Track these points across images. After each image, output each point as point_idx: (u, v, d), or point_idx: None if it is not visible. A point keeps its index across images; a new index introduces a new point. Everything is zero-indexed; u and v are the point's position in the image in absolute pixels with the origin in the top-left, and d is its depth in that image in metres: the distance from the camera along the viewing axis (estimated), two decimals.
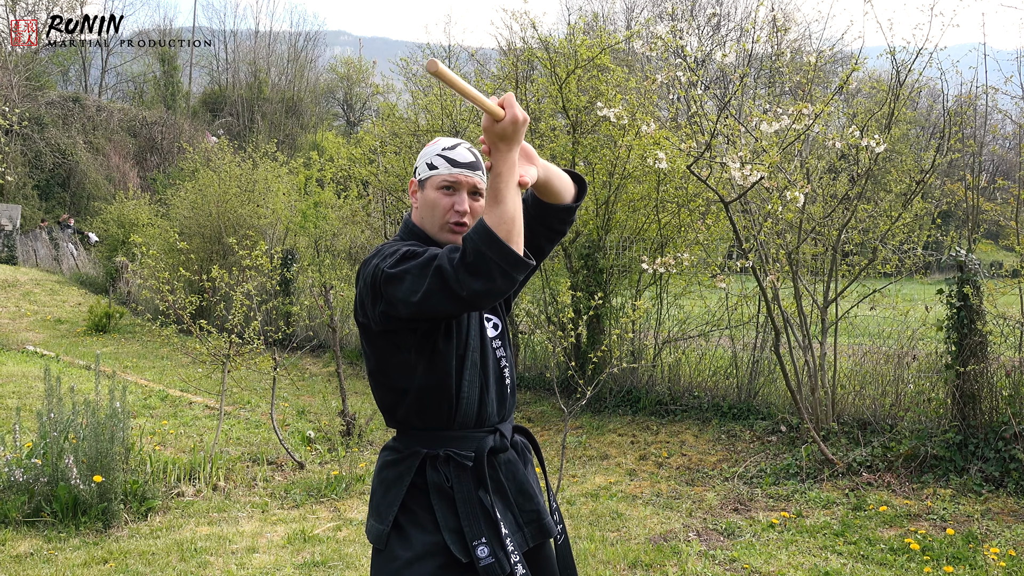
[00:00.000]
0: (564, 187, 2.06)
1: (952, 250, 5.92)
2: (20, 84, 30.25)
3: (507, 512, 2.02)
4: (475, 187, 2.04)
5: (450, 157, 2.03)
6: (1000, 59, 6.42)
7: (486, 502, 1.97)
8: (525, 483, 2.08)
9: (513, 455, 2.10)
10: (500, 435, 2.07)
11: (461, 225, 2.02)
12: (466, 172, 2.02)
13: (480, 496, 1.97)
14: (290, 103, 40.09)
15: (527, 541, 2.04)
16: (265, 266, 6.51)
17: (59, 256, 23.65)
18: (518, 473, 2.08)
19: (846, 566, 4.19)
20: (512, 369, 2.15)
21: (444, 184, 2.02)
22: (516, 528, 2.02)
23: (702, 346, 8.07)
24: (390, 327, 1.93)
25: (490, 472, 2.02)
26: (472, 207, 2.03)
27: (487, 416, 2.06)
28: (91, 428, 4.72)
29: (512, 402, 2.15)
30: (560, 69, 7.93)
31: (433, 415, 2.00)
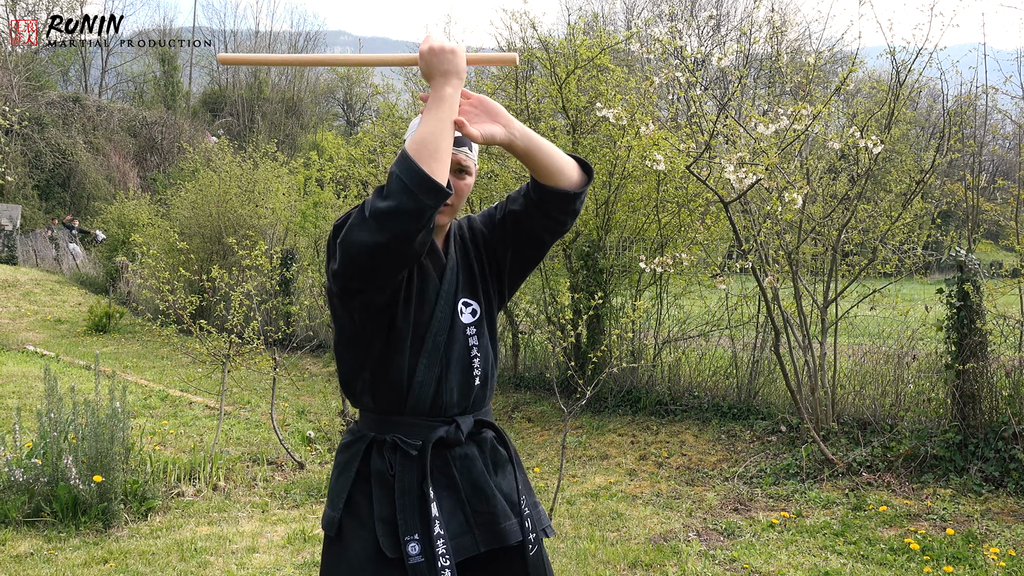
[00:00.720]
0: (557, 167, 1.90)
1: (952, 250, 5.92)
2: (20, 84, 30.26)
3: (457, 511, 1.91)
4: (459, 164, 1.92)
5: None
6: (1000, 59, 6.43)
7: (427, 496, 1.85)
8: (481, 482, 1.94)
9: (472, 451, 1.96)
10: (456, 427, 1.93)
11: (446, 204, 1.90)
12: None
13: (423, 489, 1.86)
14: (290, 103, 40.10)
15: (477, 545, 1.91)
16: (265, 266, 6.51)
17: (59, 256, 23.65)
18: (474, 470, 1.94)
19: (846, 566, 4.20)
20: (486, 361, 2.00)
21: None
22: (465, 529, 1.90)
23: (702, 346, 8.07)
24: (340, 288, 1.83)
25: (440, 465, 1.91)
26: (457, 186, 1.92)
27: (443, 405, 1.93)
28: (91, 428, 4.72)
29: (481, 395, 2.00)
30: (560, 69, 7.93)
31: (384, 397, 1.92)
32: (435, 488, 1.90)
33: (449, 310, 1.95)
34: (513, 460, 2.05)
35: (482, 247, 2.06)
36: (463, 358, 1.95)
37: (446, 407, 1.94)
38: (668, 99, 9.62)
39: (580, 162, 1.97)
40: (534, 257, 2.08)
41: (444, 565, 1.82)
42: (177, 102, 38.56)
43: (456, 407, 1.95)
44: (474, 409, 2.00)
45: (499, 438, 2.05)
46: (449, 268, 1.99)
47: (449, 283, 1.97)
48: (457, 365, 1.95)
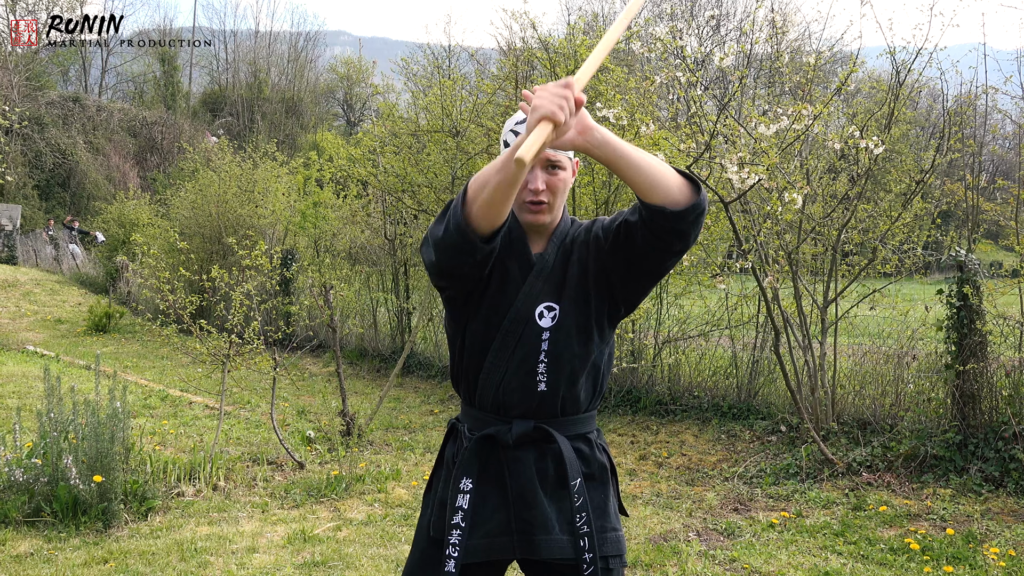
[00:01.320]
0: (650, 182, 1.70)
1: (952, 250, 5.92)
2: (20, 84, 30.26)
3: (501, 510, 1.92)
4: (548, 161, 1.87)
5: (520, 132, 1.86)
6: (1000, 59, 6.42)
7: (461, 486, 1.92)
8: (528, 489, 1.92)
9: (527, 455, 1.93)
10: (508, 428, 1.93)
11: (538, 204, 1.89)
12: None
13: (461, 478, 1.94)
14: (290, 103, 40.11)
15: (513, 549, 1.92)
16: (265, 266, 6.51)
17: (59, 256, 23.65)
18: (523, 475, 1.92)
19: (846, 566, 4.20)
20: (557, 368, 1.92)
21: None
22: (505, 531, 1.92)
23: (702, 346, 8.07)
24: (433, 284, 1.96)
25: (494, 463, 1.94)
26: (549, 182, 1.89)
27: (503, 405, 1.94)
28: (91, 428, 4.72)
29: (551, 403, 1.94)
30: (560, 69, 7.93)
31: (465, 388, 2.01)
32: (482, 485, 1.94)
33: (526, 312, 1.92)
34: (594, 477, 1.97)
35: (593, 251, 1.94)
36: (528, 361, 1.92)
37: (506, 407, 1.95)
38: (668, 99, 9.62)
39: (687, 177, 1.76)
40: (648, 271, 1.90)
41: (451, 555, 1.88)
42: (177, 102, 38.59)
43: (516, 409, 1.94)
44: (541, 415, 1.94)
45: (579, 452, 1.97)
46: (537, 270, 1.95)
47: (533, 286, 1.93)
48: (520, 368, 1.93)
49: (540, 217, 1.92)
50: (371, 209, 11.93)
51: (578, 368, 1.95)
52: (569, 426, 1.97)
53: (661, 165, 1.74)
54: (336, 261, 12.51)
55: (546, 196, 1.89)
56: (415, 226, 10.79)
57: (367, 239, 11.95)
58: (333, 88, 44.83)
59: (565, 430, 1.96)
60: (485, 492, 1.93)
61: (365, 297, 12.06)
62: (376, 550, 4.43)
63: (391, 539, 4.59)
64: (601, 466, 2.00)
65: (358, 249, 12.28)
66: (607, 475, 2.01)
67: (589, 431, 2.01)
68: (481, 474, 1.94)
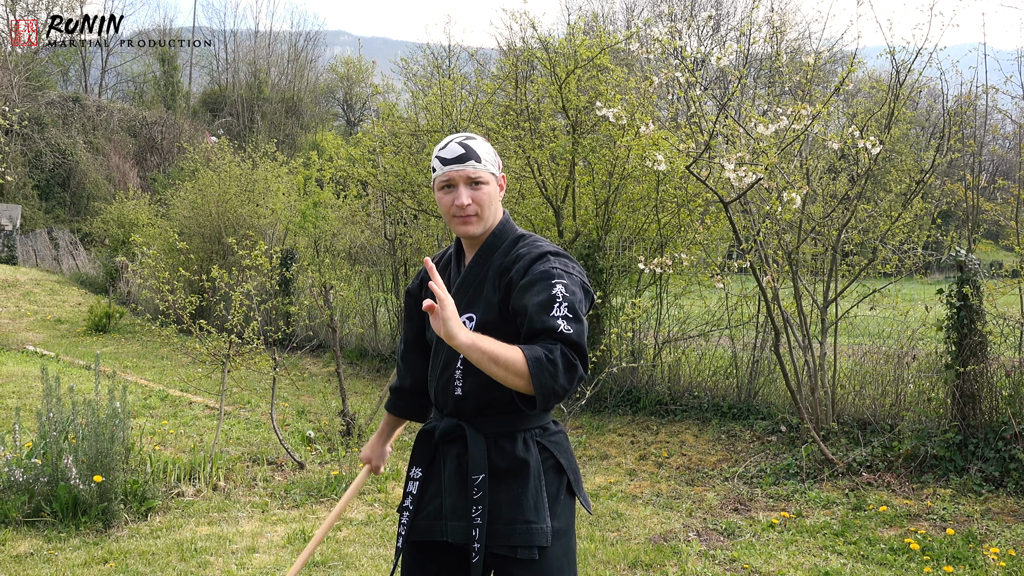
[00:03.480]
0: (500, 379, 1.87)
1: (952, 250, 5.92)
2: (20, 84, 30.26)
3: (438, 497, 2.15)
4: (469, 178, 2.09)
5: (441, 156, 2.10)
6: (1000, 59, 6.41)
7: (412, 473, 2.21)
8: (450, 479, 2.11)
9: (454, 449, 2.12)
10: (439, 425, 2.16)
11: (466, 217, 2.10)
12: (456, 167, 2.08)
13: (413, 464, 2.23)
14: (290, 103, 40.11)
15: (444, 532, 2.11)
16: (264, 266, 6.51)
17: (59, 256, 23.65)
18: (448, 466, 2.13)
19: (846, 566, 4.20)
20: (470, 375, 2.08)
21: (442, 184, 2.11)
22: (438, 515, 2.13)
23: (702, 346, 8.06)
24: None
25: (433, 453, 2.19)
26: (474, 196, 2.09)
27: (438, 405, 2.20)
28: (91, 428, 4.72)
29: (468, 404, 2.10)
30: (560, 69, 7.93)
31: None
32: (429, 472, 2.20)
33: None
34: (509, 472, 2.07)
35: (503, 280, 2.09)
36: (448, 368, 2.14)
37: (440, 407, 2.20)
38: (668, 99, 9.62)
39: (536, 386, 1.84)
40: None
41: (399, 532, 2.20)
42: (177, 102, 38.59)
43: (444, 409, 2.18)
44: (463, 415, 2.12)
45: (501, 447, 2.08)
46: (459, 282, 2.17)
47: (456, 297, 2.09)
48: (443, 373, 2.16)
49: (470, 228, 2.12)
50: (371, 209, 11.93)
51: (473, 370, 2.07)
52: (491, 424, 2.10)
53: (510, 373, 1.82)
54: (336, 261, 12.51)
55: (473, 209, 2.09)
56: (415, 226, 10.79)
57: (367, 239, 11.95)
58: (333, 88, 44.83)
59: (486, 428, 2.10)
60: (429, 479, 2.19)
61: (365, 297, 12.06)
62: (376, 550, 4.43)
63: (391, 539, 4.59)
64: (520, 462, 2.07)
65: (358, 249, 12.28)
66: (529, 471, 2.07)
67: (519, 429, 2.10)
68: (428, 464, 2.19)
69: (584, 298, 2.03)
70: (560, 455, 2.15)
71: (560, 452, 2.15)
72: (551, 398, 1.85)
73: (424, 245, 10.45)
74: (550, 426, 2.18)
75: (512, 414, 2.09)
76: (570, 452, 2.20)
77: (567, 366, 1.85)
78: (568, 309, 1.92)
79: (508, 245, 2.14)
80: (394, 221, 10.90)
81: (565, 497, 2.14)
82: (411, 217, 10.77)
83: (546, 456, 2.12)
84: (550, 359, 1.83)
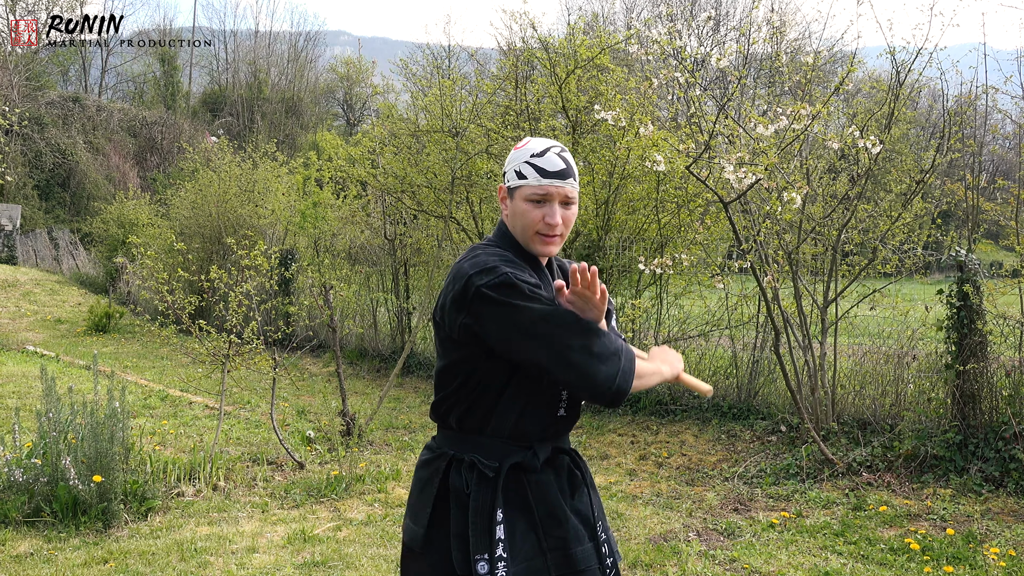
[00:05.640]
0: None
1: (952, 250, 5.92)
2: (20, 84, 30.27)
3: (530, 533, 1.92)
4: (566, 197, 1.95)
5: (539, 166, 1.93)
6: (1000, 59, 6.41)
7: (496, 518, 1.90)
8: (556, 506, 1.95)
9: (548, 476, 1.97)
10: (533, 453, 1.95)
11: (552, 237, 1.96)
12: (556, 183, 1.93)
13: (493, 510, 1.90)
14: (290, 103, 40.11)
15: (548, 569, 1.92)
16: (264, 266, 6.51)
17: (59, 256, 23.66)
18: (549, 495, 1.95)
19: (846, 566, 4.19)
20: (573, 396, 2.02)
21: (536, 196, 1.93)
22: (537, 552, 1.92)
23: (702, 346, 8.06)
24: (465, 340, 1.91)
25: (516, 488, 1.94)
26: (564, 216, 1.95)
27: (524, 433, 1.96)
28: (90, 428, 4.72)
29: (566, 427, 2.04)
30: (560, 69, 7.93)
31: (469, 419, 1.97)
32: (509, 510, 1.92)
33: None
34: (588, 484, 2.06)
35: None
36: (550, 390, 1.96)
37: (527, 435, 1.97)
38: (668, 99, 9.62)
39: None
40: None
41: None
42: (177, 102, 38.60)
43: (536, 436, 1.97)
44: (554, 438, 2.01)
45: (574, 462, 2.06)
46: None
47: None
48: (543, 397, 1.96)
49: (552, 248, 1.99)
50: (371, 209, 11.93)
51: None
52: (566, 442, 2.07)
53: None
54: (336, 261, 12.51)
55: (560, 229, 1.96)
56: (415, 226, 10.79)
57: (367, 239, 11.95)
58: (333, 88, 44.84)
59: (567, 445, 2.07)
60: (513, 519, 1.93)
61: (365, 297, 12.05)
62: (376, 550, 4.43)
63: (391, 539, 4.58)
64: (589, 472, 2.09)
65: (358, 249, 12.27)
66: (593, 481, 2.11)
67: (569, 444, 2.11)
68: (507, 502, 1.93)
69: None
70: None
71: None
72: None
73: (424, 245, 10.45)
74: None
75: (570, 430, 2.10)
76: None
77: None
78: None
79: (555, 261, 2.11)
80: (394, 221, 10.90)
81: None
82: (411, 217, 10.77)
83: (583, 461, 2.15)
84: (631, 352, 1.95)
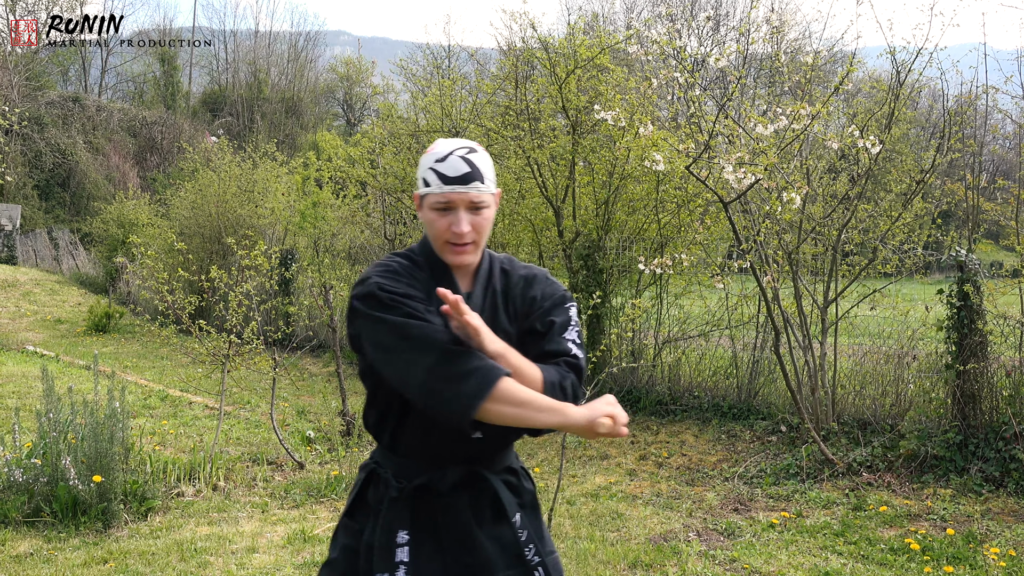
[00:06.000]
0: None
1: (952, 250, 5.92)
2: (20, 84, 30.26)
3: (436, 558, 1.86)
4: (471, 202, 1.82)
5: (441, 172, 1.82)
6: (1000, 59, 6.41)
7: (398, 539, 1.86)
8: (467, 532, 1.87)
9: (461, 500, 1.88)
10: (442, 475, 1.88)
11: (463, 247, 1.85)
12: (459, 188, 1.81)
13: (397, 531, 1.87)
14: (290, 103, 40.09)
15: None
16: (264, 266, 6.51)
17: (59, 256, 23.66)
18: (460, 519, 1.87)
19: (846, 566, 4.19)
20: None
21: (437, 205, 1.83)
22: None
23: (702, 346, 8.06)
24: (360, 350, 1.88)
25: (427, 510, 1.88)
26: (474, 223, 1.83)
27: (435, 454, 1.88)
28: (90, 428, 4.72)
29: (484, 449, 1.90)
30: (560, 69, 7.93)
31: (383, 434, 1.93)
32: (417, 533, 1.87)
33: None
34: (527, 506, 1.97)
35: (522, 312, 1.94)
36: None
37: (439, 455, 1.89)
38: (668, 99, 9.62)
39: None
40: None
41: None
42: (177, 102, 38.58)
43: (449, 456, 1.89)
44: (474, 459, 1.90)
45: (509, 484, 1.95)
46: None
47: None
48: None
49: (466, 258, 1.87)
50: (370, 209, 11.93)
51: None
52: (498, 463, 1.94)
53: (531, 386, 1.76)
54: (336, 261, 12.51)
55: (471, 236, 1.84)
56: (414, 226, 10.79)
57: (366, 239, 11.95)
58: (333, 88, 44.82)
59: (495, 467, 1.93)
60: (420, 541, 1.87)
61: None
62: None
63: None
64: (531, 494, 1.99)
65: (357, 249, 12.28)
66: (537, 501, 2.00)
67: (513, 462, 1.99)
68: (414, 523, 1.88)
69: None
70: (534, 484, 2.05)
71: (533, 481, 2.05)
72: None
73: None
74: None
75: (511, 448, 1.97)
76: None
77: (576, 396, 1.79)
78: (577, 334, 1.88)
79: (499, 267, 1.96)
80: (393, 221, 10.90)
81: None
82: (411, 217, 10.77)
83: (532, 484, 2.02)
84: (563, 387, 1.78)
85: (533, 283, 1.94)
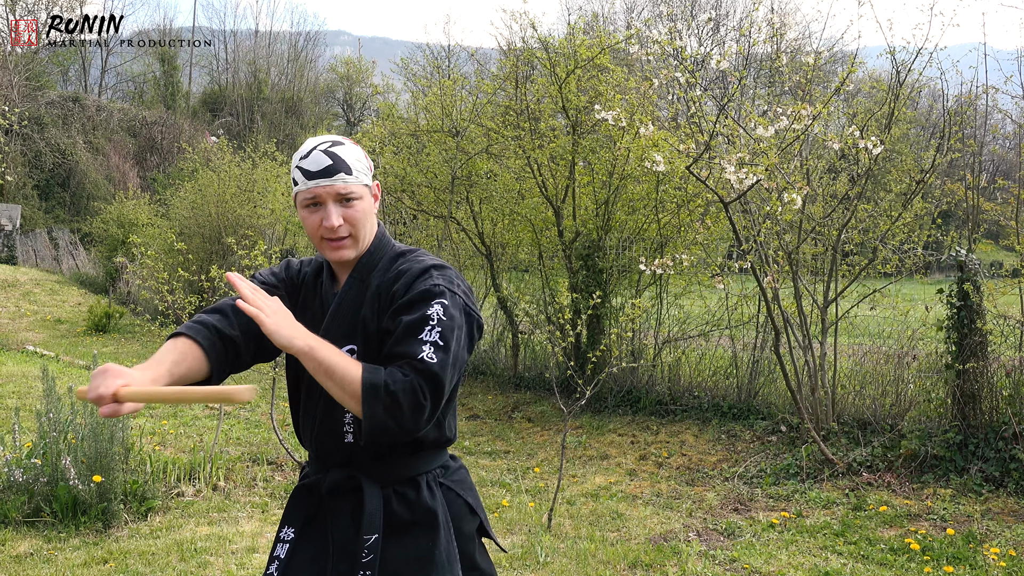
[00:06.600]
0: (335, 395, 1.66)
1: (952, 250, 5.92)
2: (20, 84, 30.26)
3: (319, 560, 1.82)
4: (338, 194, 1.77)
5: (304, 168, 1.78)
6: (1000, 59, 6.41)
7: (280, 535, 1.87)
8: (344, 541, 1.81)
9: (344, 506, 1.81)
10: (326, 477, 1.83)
11: (338, 241, 1.79)
12: (323, 182, 1.76)
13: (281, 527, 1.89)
14: (290, 103, 40.09)
15: None
16: (264, 266, 6.51)
17: (59, 256, 23.65)
18: (341, 524, 1.82)
19: (846, 566, 4.19)
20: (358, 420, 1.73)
21: (306, 202, 1.79)
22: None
23: (702, 346, 8.06)
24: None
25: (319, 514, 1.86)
26: (347, 216, 1.78)
27: (321, 454, 1.85)
28: (90, 428, 4.72)
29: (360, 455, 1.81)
30: (560, 69, 7.93)
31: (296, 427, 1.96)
32: (306, 534, 1.85)
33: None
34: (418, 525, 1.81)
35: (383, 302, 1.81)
36: (335, 411, 1.80)
37: (323, 456, 1.85)
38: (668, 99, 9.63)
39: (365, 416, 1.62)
40: None
41: None
42: (177, 102, 38.57)
43: (331, 459, 1.84)
44: (355, 465, 1.81)
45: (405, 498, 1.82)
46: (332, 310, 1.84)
47: (329, 328, 1.81)
48: (328, 417, 1.82)
49: (343, 252, 1.81)
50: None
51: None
52: (391, 471, 1.82)
53: (345, 392, 1.62)
54: None
55: (345, 230, 1.79)
56: (414, 226, 10.79)
57: None
58: (333, 88, 44.82)
59: (384, 476, 1.81)
60: (306, 540, 1.84)
61: None
62: None
63: None
64: (429, 512, 1.81)
65: None
66: (438, 521, 1.82)
67: (420, 472, 1.84)
68: (305, 523, 1.85)
69: (465, 323, 1.73)
70: (467, 494, 1.90)
71: (467, 491, 1.91)
72: (381, 434, 1.61)
73: (424, 245, 10.44)
74: (450, 463, 1.92)
75: (413, 456, 1.83)
76: (475, 488, 1.95)
77: (413, 405, 1.60)
78: (439, 335, 1.66)
79: (386, 263, 1.85)
80: (393, 221, 10.89)
81: (480, 541, 1.93)
82: (410, 217, 10.77)
83: (453, 498, 1.87)
84: (389, 390, 1.58)
85: (401, 277, 1.79)
